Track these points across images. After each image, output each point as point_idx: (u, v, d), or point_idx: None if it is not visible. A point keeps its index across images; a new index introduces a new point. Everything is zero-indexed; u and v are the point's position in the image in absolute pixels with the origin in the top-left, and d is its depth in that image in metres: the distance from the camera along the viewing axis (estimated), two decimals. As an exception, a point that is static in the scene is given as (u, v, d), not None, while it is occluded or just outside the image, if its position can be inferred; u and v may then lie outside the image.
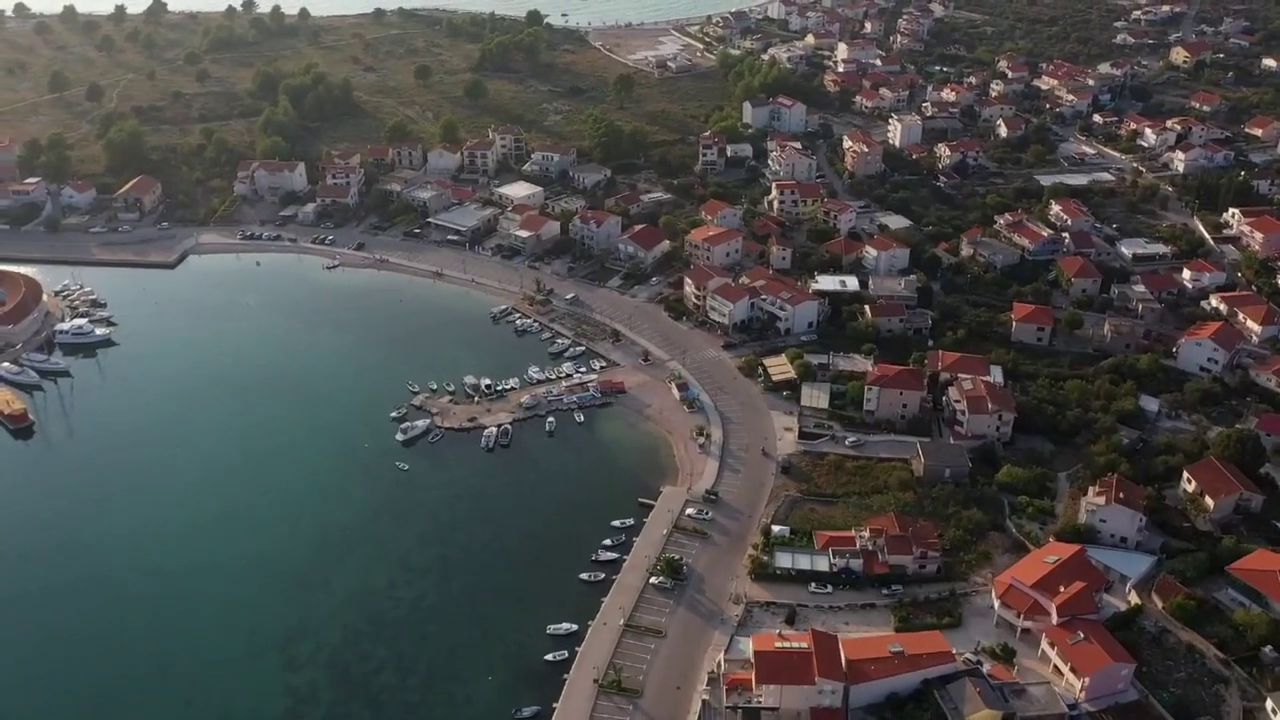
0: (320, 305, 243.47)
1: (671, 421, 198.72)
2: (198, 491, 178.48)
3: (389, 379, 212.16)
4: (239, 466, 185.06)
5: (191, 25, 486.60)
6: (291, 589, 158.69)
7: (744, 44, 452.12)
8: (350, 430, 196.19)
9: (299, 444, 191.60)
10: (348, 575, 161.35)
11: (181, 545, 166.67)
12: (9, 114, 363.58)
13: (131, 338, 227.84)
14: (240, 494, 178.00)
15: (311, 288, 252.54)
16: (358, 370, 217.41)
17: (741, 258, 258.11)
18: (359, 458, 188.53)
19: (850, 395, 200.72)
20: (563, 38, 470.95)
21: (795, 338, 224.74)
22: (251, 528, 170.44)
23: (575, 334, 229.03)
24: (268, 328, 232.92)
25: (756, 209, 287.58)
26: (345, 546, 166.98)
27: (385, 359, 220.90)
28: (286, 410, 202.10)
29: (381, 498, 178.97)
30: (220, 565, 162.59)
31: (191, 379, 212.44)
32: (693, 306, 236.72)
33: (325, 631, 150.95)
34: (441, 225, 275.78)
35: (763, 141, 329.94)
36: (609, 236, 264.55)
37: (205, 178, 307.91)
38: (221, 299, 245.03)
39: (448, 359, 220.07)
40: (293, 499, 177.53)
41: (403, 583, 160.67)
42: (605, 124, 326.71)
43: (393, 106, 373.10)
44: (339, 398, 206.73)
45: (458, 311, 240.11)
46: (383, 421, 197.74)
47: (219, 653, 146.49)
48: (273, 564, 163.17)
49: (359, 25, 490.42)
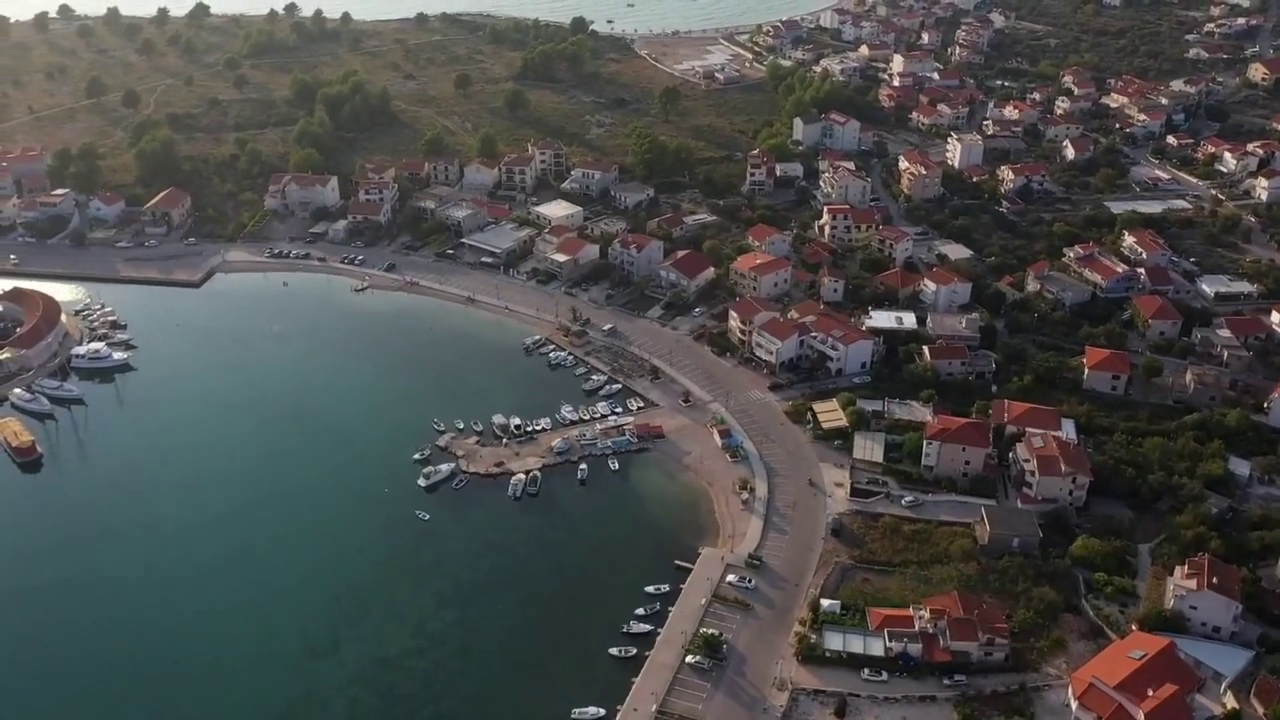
0: (346, 331, 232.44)
1: (712, 472, 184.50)
2: (205, 540, 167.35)
3: (414, 415, 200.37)
4: (251, 512, 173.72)
5: (233, 28, 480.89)
6: (297, 654, 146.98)
7: (795, 55, 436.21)
8: (370, 472, 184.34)
9: (316, 488, 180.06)
10: (359, 640, 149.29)
11: (183, 598, 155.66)
12: (45, 120, 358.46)
13: (150, 362, 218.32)
14: (250, 544, 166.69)
15: (339, 311, 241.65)
16: (382, 404, 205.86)
17: (790, 288, 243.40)
18: (378, 505, 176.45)
19: (907, 448, 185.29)
20: (608, 45, 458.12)
21: (847, 379, 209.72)
22: (259, 583, 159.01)
23: (612, 370, 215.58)
24: (291, 355, 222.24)
25: (806, 234, 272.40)
26: (358, 607, 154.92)
27: (411, 392, 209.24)
28: (306, 449, 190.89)
29: (399, 551, 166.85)
30: (223, 623, 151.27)
31: (208, 409, 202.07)
32: (737, 342, 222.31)
33: (331, 706, 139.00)
34: (475, 246, 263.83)
35: (813, 160, 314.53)
36: (650, 262, 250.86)
37: (236, 190, 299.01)
38: (244, 323, 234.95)
39: (477, 394, 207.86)
40: (305, 551, 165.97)
41: (417, 651, 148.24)
42: (649, 139, 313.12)
43: (431, 117, 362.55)
44: (361, 435, 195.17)
45: (489, 341, 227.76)
46: (405, 464, 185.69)
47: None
48: (279, 624, 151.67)
49: (401, 31, 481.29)
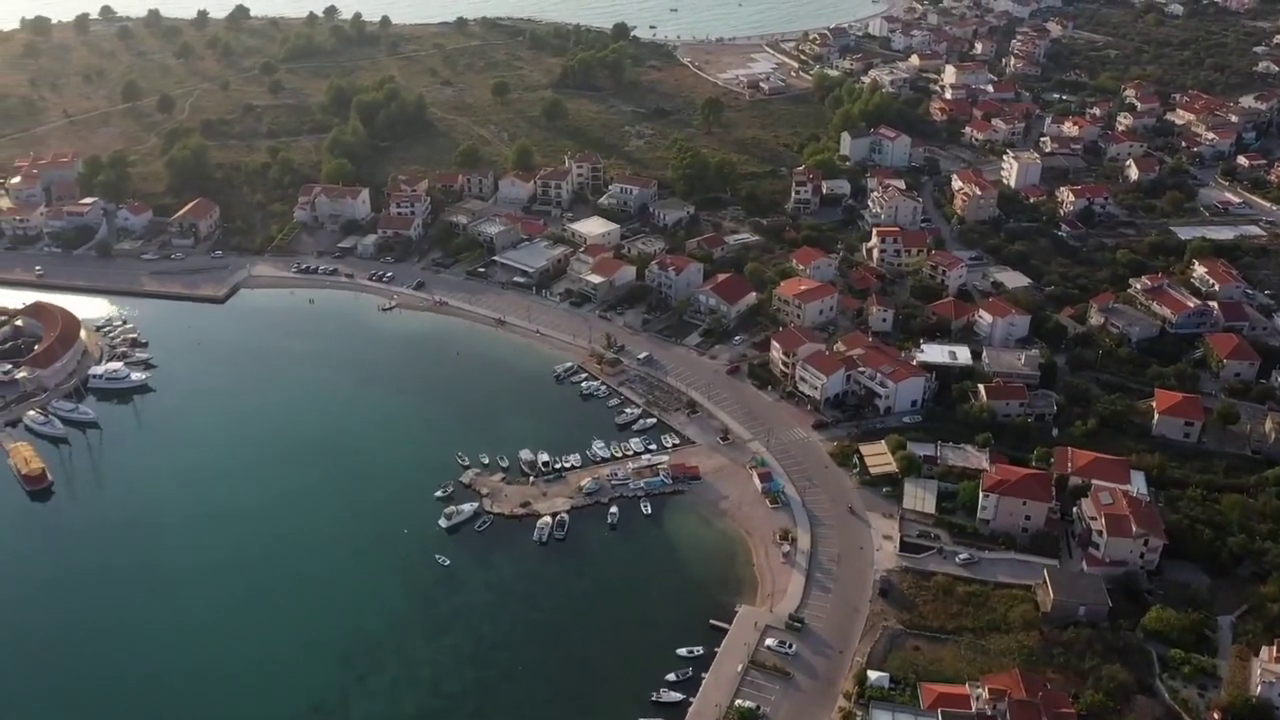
0: (372, 354, 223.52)
1: (751, 519, 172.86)
2: (212, 585, 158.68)
3: (438, 447, 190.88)
4: (263, 555, 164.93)
5: (272, 31, 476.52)
6: (303, 713, 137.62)
7: (842, 64, 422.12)
8: (390, 510, 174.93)
9: (332, 527, 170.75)
10: (370, 701, 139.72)
11: (187, 648, 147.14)
12: (80, 124, 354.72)
13: (169, 383, 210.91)
14: (261, 590, 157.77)
15: (364, 332, 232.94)
16: (405, 434, 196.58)
17: (836, 315, 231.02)
18: (396, 547, 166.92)
19: (962, 498, 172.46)
20: (649, 52, 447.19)
21: (896, 418, 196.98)
22: (268, 632, 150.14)
23: (646, 402, 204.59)
24: (313, 379, 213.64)
25: (853, 257, 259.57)
26: (371, 663, 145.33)
27: (436, 421, 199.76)
28: (324, 482, 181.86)
29: (417, 600, 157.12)
30: (228, 677, 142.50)
31: (225, 437, 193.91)
32: (780, 374, 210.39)
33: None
34: (508, 265, 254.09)
35: (862, 177, 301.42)
36: (689, 285, 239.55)
37: (266, 201, 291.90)
38: (268, 342, 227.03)
39: (504, 425, 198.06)
40: (318, 598, 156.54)
41: (433, 715, 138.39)
42: (690, 153, 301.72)
43: (467, 126, 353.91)
44: (381, 467, 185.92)
45: (518, 368, 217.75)
46: (426, 501, 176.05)
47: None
48: (286, 681, 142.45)
49: (440, 35, 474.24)
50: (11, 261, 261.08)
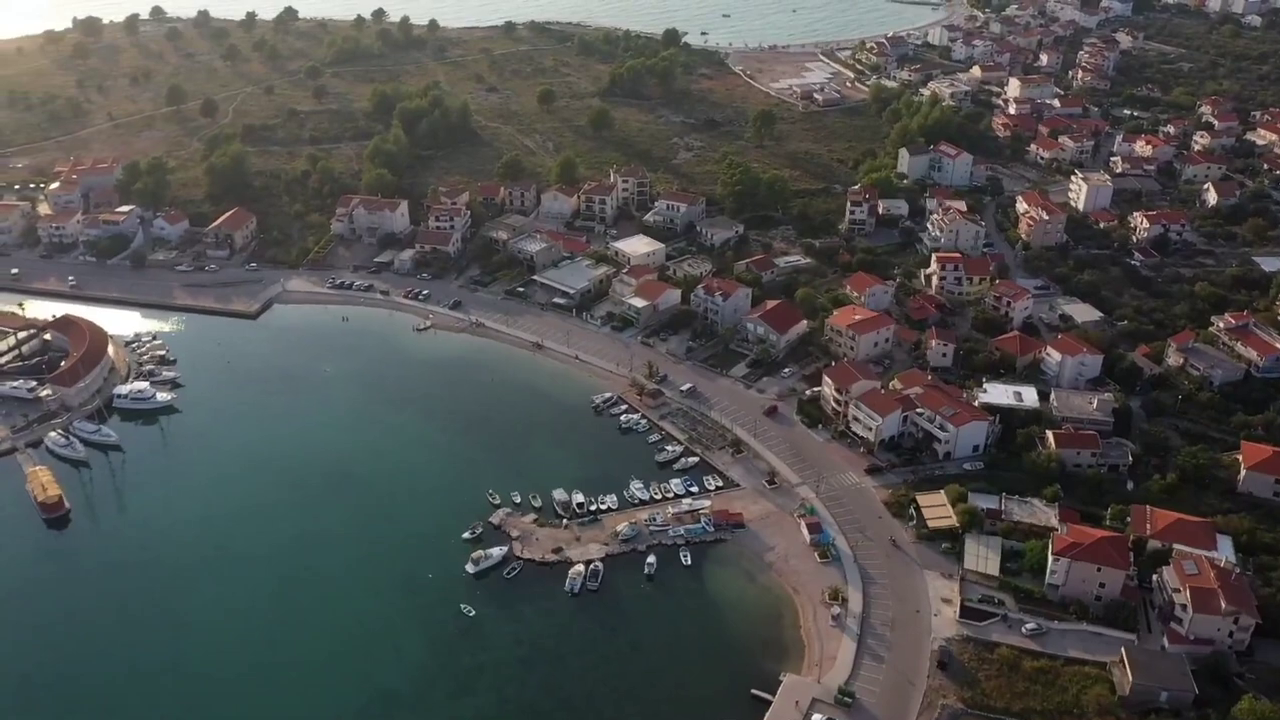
0: (404, 378, 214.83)
1: (799, 575, 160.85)
2: (228, 626, 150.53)
3: (468, 482, 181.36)
4: (282, 597, 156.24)
5: (319, 34, 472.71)
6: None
7: (900, 75, 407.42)
8: (415, 552, 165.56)
9: (354, 570, 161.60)
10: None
11: (195, 701, 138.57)
12: (123, 128, 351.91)
13: (195, 405, 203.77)
14: (276, 636, 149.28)
15: (397, 354, 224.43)
16: (434, 467, 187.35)
17: (892, 347, 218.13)
18: (420, 594, 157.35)
19: (1028, 559, 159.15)
20: (700, 60, 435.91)
21: (956, 464, 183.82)
22: (281, 686, 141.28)
23: (689, 439, 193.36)
24: (342, 404, 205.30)
25: (911, 284, 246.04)
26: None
27: (467, 454, 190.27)
28: (348, 517, 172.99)
29: (439, 654, 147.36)
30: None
31: (249, 466, 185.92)
32: (831, 412, 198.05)
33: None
34: (548, 285, 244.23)
35: (920, 197, 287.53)
36: (736, 311, 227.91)
37: (304, 211, 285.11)
38: (298, 363, 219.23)
39: (538, 459, 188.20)
40: (335, 648, 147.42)
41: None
42: (741, 169, 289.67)
43: (511, 135, 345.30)
44: (408, 504, 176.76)
45: (555, 397, 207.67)
46: (453, 543, 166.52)
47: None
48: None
49: (488, 39, 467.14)
50: (46, 270, 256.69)
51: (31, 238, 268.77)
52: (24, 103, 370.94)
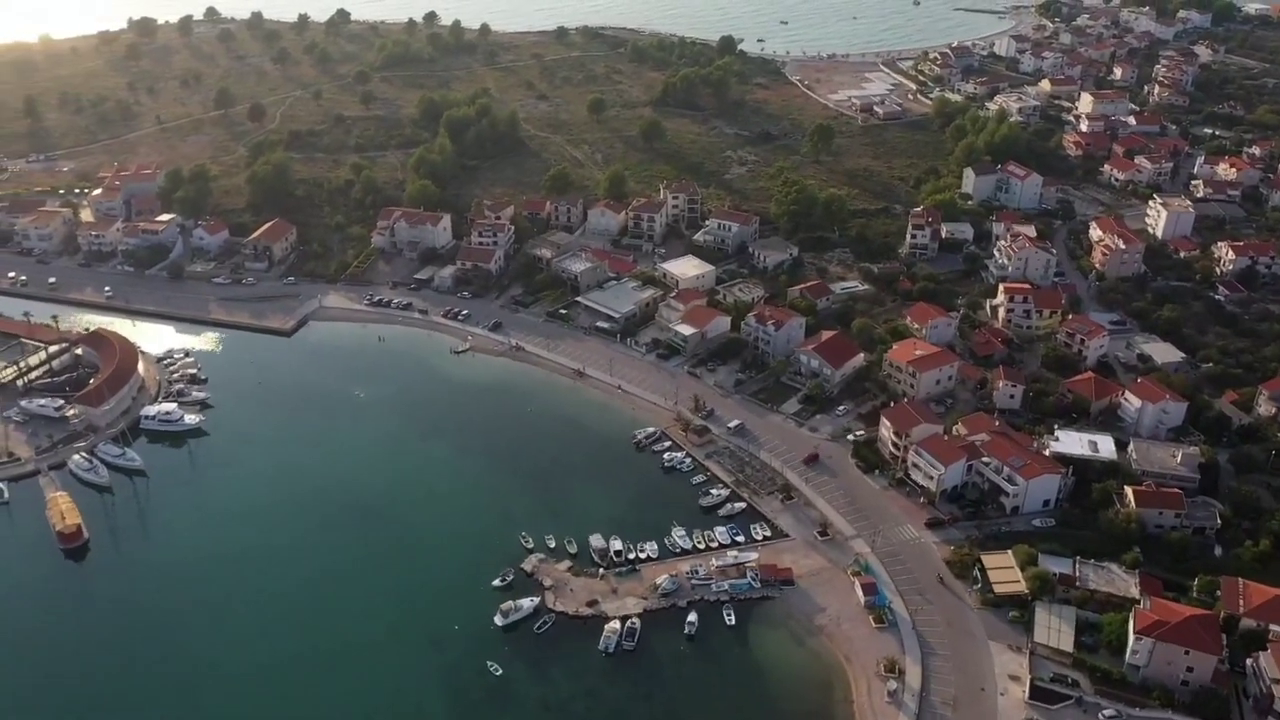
0: (439, 404, 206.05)
1: (851, 642, 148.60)
2: (242, 677, 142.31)
3: (501, 522, 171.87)
4: (301, 643, 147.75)
5: (371, 37, 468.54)
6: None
7: (965, 87, 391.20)
8: (442, 600, 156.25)
9: (378, 615, 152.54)
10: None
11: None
12: (171, 131, 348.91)
13: (223, 428, 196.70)
14: (294, 690, 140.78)
15: (433, 378, 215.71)
16: (467, 504, 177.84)
17: (954, 385, 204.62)
18: (446, 648, 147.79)
19: (1106, 634, 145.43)
20: (756, 69, 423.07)
21: (1025, 520, 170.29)
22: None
23: (735, 481, 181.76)
24: (374, 432, 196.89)
25: (976, 315, 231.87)
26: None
27: (501, 491, 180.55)
28: (374, 558, 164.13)
29: (463, 716, 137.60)
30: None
31: (276, 497, 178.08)
32: (889, 456, 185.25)
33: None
34: (591, 307, 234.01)
35: (985, 220, 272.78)
36: (789, 342, 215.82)
37: (345, 223, 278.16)
38: (331, 385, 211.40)
39: (575, 499, 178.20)
40: (355, 704, 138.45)
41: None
42: (796, 187, 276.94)
43: (560, 145, 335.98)
44: (437, 546, 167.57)
45: (595, 430, 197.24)
46: (483, 590, 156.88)
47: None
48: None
49: (539, 45, 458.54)
50: (84, 280, 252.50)
51: (72, 245, 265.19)
52: (75, 104, 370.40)
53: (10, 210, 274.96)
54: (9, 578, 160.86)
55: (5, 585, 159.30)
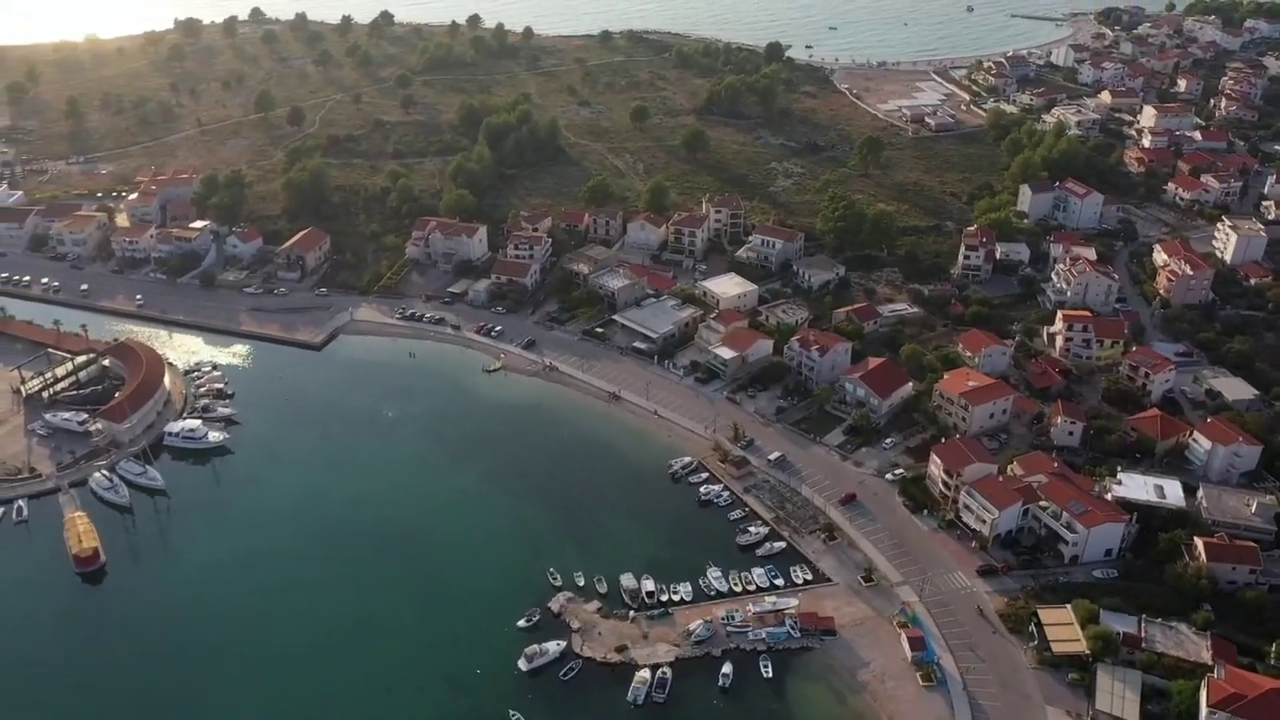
0: (469, 426, 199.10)
1: (896, 702, 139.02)
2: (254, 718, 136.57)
3: (528, 555, 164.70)
4: (317, 685, 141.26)
5: (414, 39, 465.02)
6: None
7: (1021, 99, 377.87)
8: (465, 640, 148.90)
9: (398, 654, 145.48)
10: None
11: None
12: (210, 135, 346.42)
13: (248, 446, 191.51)
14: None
15: (464, 398, 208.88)
16: (494, 535, 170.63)
17: (1009, 419, 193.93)
18: (466, 693, 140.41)
19: (1175, 704, 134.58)
20: (804, 77, 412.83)
21: (1085, 570, 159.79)
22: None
23: (775, 519, 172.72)
24: (401, 454, 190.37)
25: (1032, 343, 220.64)
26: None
27: (530, 521, 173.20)
28: (396, 592, 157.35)
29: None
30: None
31: (298, 524, 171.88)
32: (938, 495, 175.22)
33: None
34: (629, 326, 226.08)
35: (1043, 240, 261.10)
36: (834, 368, 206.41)
37: (380, 232, 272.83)
38: (359, 403, 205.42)
39: (606, 533, 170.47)
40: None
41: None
42: (844, 203, 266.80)
43: (600, 154, 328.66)
44: (463, 580, 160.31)
45: (629, 458, 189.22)
46: (507, 630, 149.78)
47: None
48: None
49: (583, 49, 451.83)
50: (116, 287, 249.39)
51: (105, 251, 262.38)
52: (117, 105, 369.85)
53: (47, 214, 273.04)
54: (23, 600, 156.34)
55: (18, 608, 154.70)
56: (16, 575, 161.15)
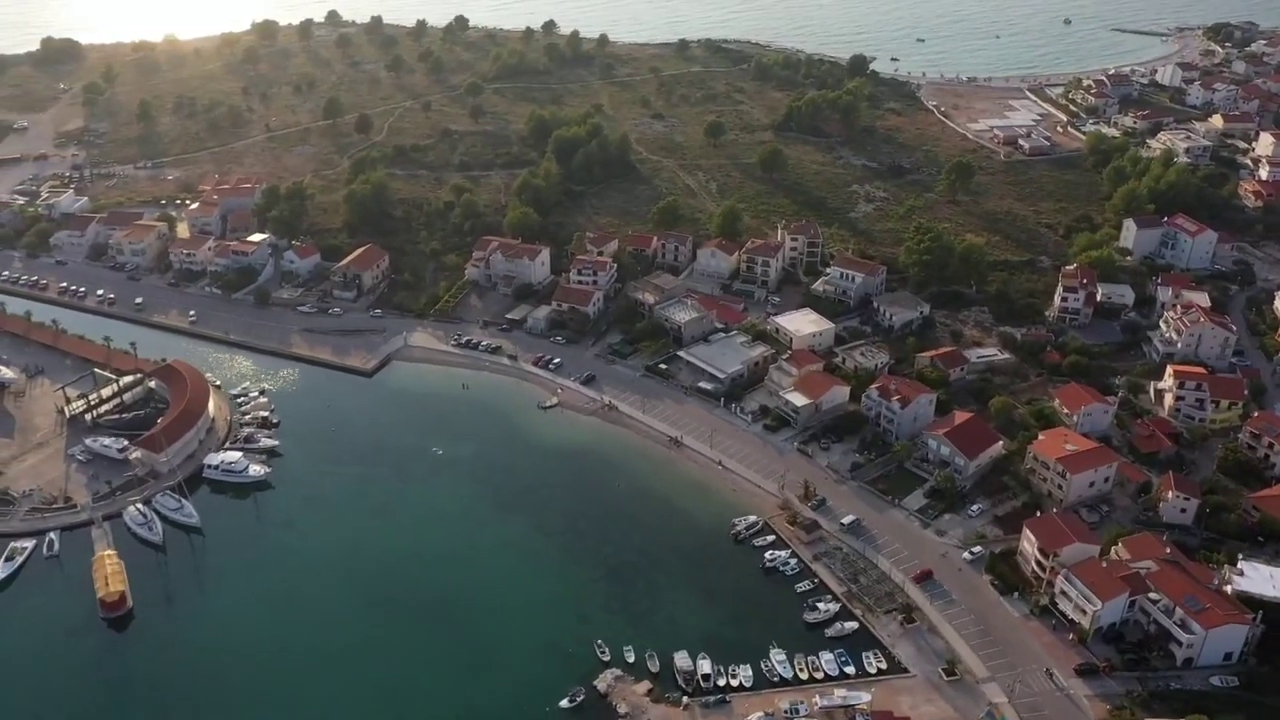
0: (520, 471, 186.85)
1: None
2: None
3: (576, 624, 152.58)
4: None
5: (487, 44, 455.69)
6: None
7: (1123, 121, 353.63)
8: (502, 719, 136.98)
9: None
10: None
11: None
12: (278, 141, 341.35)
13: (289, 482, 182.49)
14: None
15: (517, 438, 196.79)
16: (541, 596, 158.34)
17: (1111, 489, 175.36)
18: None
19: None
20: (889, 92, 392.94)
21: (1200, 675, 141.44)
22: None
23: (847, 594, 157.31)
24: (447, 500, 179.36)
25: (1136, 400, 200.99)
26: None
27: (579, 582, 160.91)
28: (430, 660, 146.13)
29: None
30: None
31: (335, 573, 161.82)
32: (1032, 576, 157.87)
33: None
34: (694, 364, 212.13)
35: (1148, 281, 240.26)
36: (916, 420, 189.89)
37: (441, 249, 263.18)
38: (408, 438, 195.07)
39: (661, 601, 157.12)
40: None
41: None
42: (930, 235, 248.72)
43: (672, 171, 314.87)
44: (505, 648, 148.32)
45: (690, 515, 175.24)
46: (549, 710, 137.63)
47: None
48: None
49: (658, 58, 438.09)
50: (170, 301, 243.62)
51: (164, 262, 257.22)
52: (188, 109, 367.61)
53: (108, 222, 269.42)
54: (45, 644, 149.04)
55: (39, 652, 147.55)
56: (41, 616, 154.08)
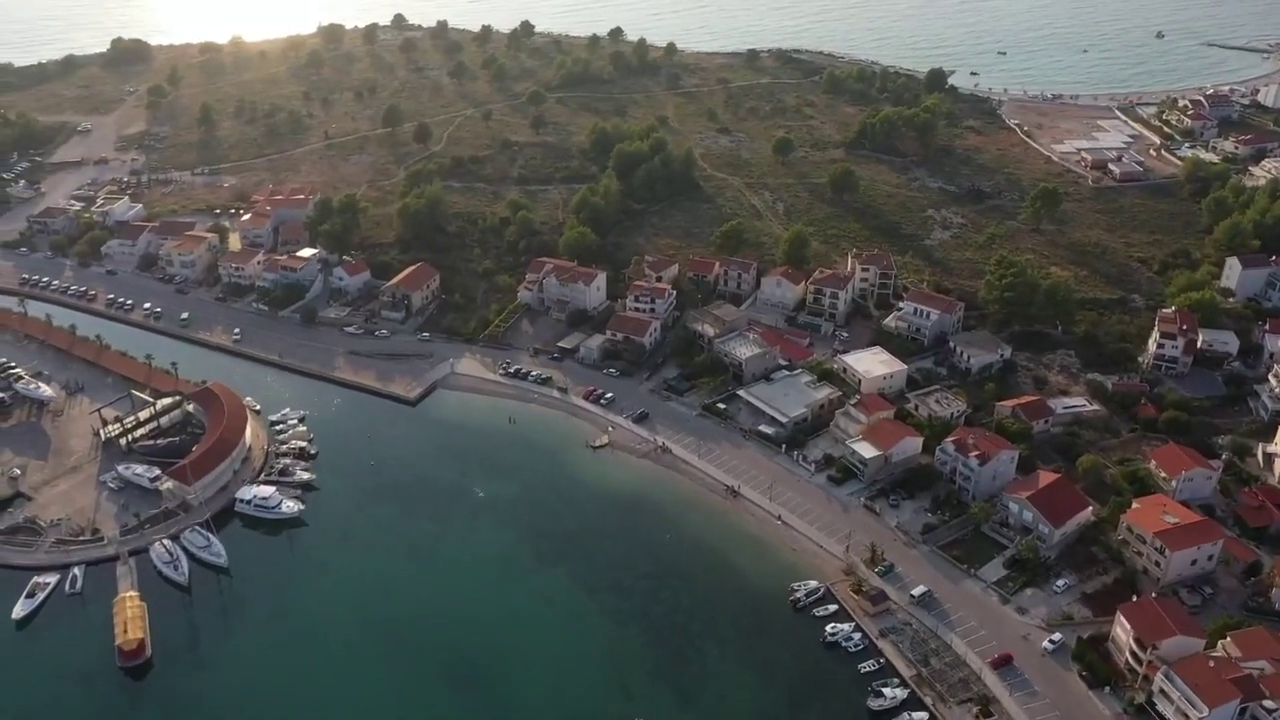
0: (565, 517, 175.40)
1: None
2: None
3: (616, 696, 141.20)
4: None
5: (552, 51, 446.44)
6: None
7: (1223, 145, 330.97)
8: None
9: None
10: None
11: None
12: (335, 150, 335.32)
13: (323, 520, 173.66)
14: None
15: (563, 479, 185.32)
16: (577, 663, 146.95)
17: (1216, 566, 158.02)
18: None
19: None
20: (968, 109, 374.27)
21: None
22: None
23: (916, 677, 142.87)
24: (487, 547, 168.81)
25: (1243, 464, 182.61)
26: None
27: (622, 649, 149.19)
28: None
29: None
30: None
31: (364, 628, 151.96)
32: (1125, 669, 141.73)
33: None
34: (755, 405, 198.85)
35: (1255, 327, 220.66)
36: (995, 479, 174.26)
37: (494, 269, 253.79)
38: (449, 475, 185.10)
39: (710, 673, 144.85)
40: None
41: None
42: (1014, 269, 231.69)
43: (738, 190, 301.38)
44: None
45: (745, 575, 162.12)
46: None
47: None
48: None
49: (726, 68, 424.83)
50: (216, 316, 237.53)
51: (213, 275, 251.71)
52: (249, 114, 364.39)
53: (160, 232, 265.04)
54: (57, 691, 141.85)
55: (51, 700, 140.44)
56: (57, 660, 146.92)
